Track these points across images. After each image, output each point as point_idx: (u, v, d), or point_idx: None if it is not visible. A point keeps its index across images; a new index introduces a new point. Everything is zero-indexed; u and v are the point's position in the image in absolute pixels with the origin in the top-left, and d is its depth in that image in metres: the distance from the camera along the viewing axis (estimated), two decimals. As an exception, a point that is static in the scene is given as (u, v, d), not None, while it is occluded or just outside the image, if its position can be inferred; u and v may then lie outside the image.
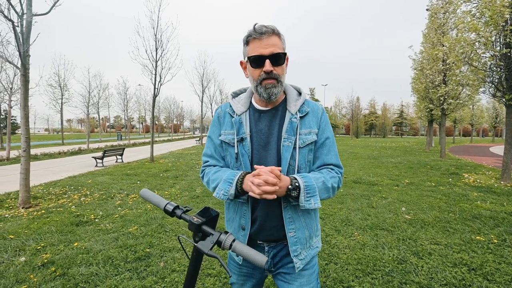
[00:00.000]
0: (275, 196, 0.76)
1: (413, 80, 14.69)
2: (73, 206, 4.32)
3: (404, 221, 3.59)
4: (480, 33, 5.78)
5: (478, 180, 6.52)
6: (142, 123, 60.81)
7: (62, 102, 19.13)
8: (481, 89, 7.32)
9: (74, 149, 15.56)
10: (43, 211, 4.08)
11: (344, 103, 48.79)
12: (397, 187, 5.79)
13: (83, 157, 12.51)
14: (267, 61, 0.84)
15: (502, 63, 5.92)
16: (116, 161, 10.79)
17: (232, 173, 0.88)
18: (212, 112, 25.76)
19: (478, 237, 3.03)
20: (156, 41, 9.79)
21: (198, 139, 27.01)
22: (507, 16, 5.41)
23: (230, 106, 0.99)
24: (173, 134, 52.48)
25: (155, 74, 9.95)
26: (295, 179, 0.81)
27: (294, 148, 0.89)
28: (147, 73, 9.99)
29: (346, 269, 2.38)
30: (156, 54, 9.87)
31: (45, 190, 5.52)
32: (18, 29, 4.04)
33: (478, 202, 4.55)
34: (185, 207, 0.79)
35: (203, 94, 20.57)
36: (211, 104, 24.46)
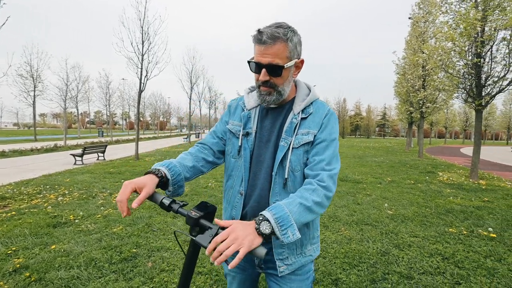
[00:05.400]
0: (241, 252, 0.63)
1: (396, 84, 15.46)
2: (49, 207, 4.09)
3: (386, 216, 3.84)
4: (455, 42, 6.25)
5: (450, 178, 7.07)
6: (125, 120, 58.59)
7: (34, 95, 17.84)
8: (455, 95, 7.90)
9: (49, 145, 14.50)
10: (13, 213, 3.81)
11: (331, 104, 50.15)
12: (380, 185, 6.13)
13: (59, 154, 11.84)
14: (263, 70, 0.82)
15: (473, 72, 6.45)
16: (98, 159, 10.34)
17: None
18: (200, 110, 25.44)
19: (450, 229, 3.34)
20: (142, 34, 9.49)
21: (186, 137, 26.51)
22: (479, 28, 5.90)
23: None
24: (159, 131, 51.17)
25: (141, 68, 9.65)
26: (261, 214, 0.72)
27: (289, 148, 0.87)
28: (133, 67, 9.67)
29: (334, 262, 2.52)
30: (143, 47, 9.58)
31: (15, 190, 5.15)
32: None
33: (451, 198, 4.96)
34: (182, 202, 0.79)
35: (191, 90, 20.27)
36: (199, 102, 24.13)
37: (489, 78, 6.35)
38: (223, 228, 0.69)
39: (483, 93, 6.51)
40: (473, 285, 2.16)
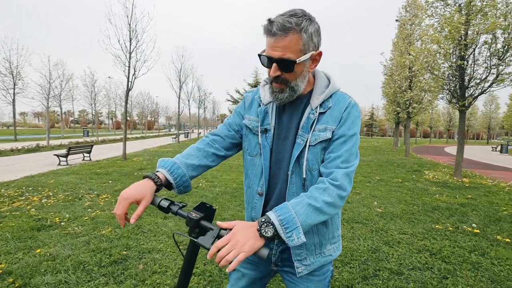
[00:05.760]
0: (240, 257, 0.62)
1: (383, 84, 15.85)
2: (33, 209, 3.91)
3: (376, 214, 3.91)
4: (441, 45, 6.46)
5: (436, 177, 7.31)
6: (112, 119, 56.89)
7: (14, 92, 17.09)
8: (440, 96, 8.19)
9: (30, 145, 13.75)
10: (-7, 216, 3.63)
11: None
12: (369, 184, 6.25)
13: (42, 155, 11.33)
14: (274, 65, 0.74)
15: (457, 73, 6.70)
16: (83, 159, 9.98)
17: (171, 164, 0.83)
18: (189, 109, 25.11)
19: (437, 226, 3.44)
20: (130, 31, 9.26)
21: (174, 136, 26.02)
22: (462, 32, 6.13)
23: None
24: (147, 131, 50.03)
25: (129, 67, 9.41)
26: (266, 215, 0.70)
27: (305, 146, 0.81)
28: (120, 65, 9.41)
29: (327, 260, 2.55)
30: (130, 45, 9.35)
31: (-5, 192, 4.92)
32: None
33: (437, 195, 5.13)
34: (180, 203, 0.77)
35: (180, 89, 19.96)
36: (188, 101, 23.83)
37: (472, 80, 6.61)
38: (224, 229, 0.68)
39: (466, 94, 6.78)
40: (459, 279, 2.22)
